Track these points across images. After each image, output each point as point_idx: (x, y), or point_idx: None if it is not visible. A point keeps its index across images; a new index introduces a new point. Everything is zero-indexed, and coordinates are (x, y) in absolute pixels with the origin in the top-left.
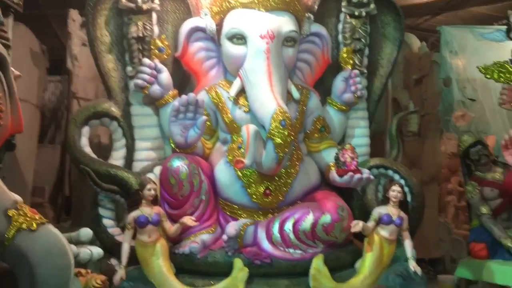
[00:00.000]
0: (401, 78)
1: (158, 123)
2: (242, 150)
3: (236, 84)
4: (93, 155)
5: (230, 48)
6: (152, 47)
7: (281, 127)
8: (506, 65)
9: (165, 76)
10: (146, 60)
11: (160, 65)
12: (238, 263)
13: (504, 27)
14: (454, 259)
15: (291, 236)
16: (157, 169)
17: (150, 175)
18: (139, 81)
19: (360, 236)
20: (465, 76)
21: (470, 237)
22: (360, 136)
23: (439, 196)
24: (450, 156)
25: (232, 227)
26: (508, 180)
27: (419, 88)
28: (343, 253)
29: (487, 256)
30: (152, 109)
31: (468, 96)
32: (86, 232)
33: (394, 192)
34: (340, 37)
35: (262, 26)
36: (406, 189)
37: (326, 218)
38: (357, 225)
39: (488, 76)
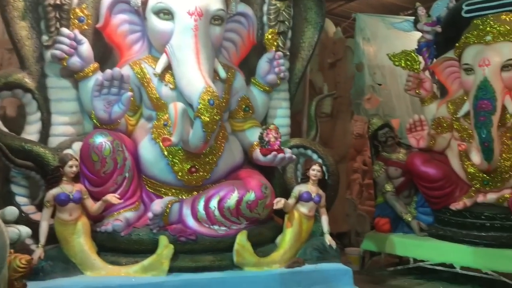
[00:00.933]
0: (316, 61)
1: (76, 97)
2: (168, 127)
3: (162, 60)
4: (4, 129)
5: (156, 23)
6: (71, 16)
7: (210, 106)
8: (412, 54)
9: (86, 47)
10: (64, 30)
11: (80, 36)
12: (163, 240)
13: (412, 18)
14: (359, 233)
15: (216, 213)
16: (76, 145)
17: (68, 151)
18: (57, 52)
19: (280, 212)
20: (376, 63)
21: (375, 213)
22: (281, 117)
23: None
24: (356, 137)
25: (157, 205)
26: (410, 161)
27: (333, 71)
28: (265, 229)
29: (390, 230)
30: (71, 82)
31: (378, 81)
32: (11, 211)
33: (314, 171)
34: (265, 18)
35: (190, 2)
36: (323, 168)
37: (251, 195)
38: (279, 202)
39: (396, 64)
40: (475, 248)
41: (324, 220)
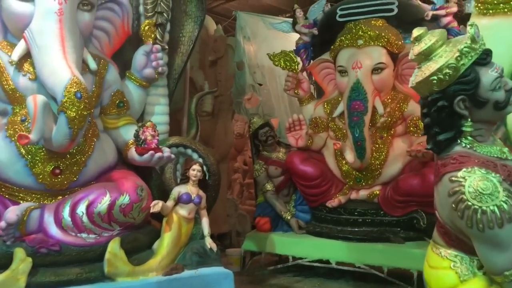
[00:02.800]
0: (197, 59)
1: None
2: (27, 123)
3: (20, 47)
4: None
5: (13, 4)
6: None
7: (76, 100)
8: (291, 55)
9: None
10: None
11: None
12: (19, 253)
13: (290, 20)
14: (239, 233)
15: (85, 219)
16: None
17: None
18: None
19: (158, 216)
20: (256, 62)
21: (256, 212)
22: (160, 114)
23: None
24: (237, 137)
25: (12, 212)
26: (289, 160)
27: (214, 69)
28: (141, 234)
29: (270, 229)
30: None
31: (258, 81)
32: None
33: (194, 171)
34: (141, 8)
35: None
36: (204, 168)
37: (125, 199)
38: (156, 205)
39: (276, 63)
40: (348, 243)
41: (205, 222)
